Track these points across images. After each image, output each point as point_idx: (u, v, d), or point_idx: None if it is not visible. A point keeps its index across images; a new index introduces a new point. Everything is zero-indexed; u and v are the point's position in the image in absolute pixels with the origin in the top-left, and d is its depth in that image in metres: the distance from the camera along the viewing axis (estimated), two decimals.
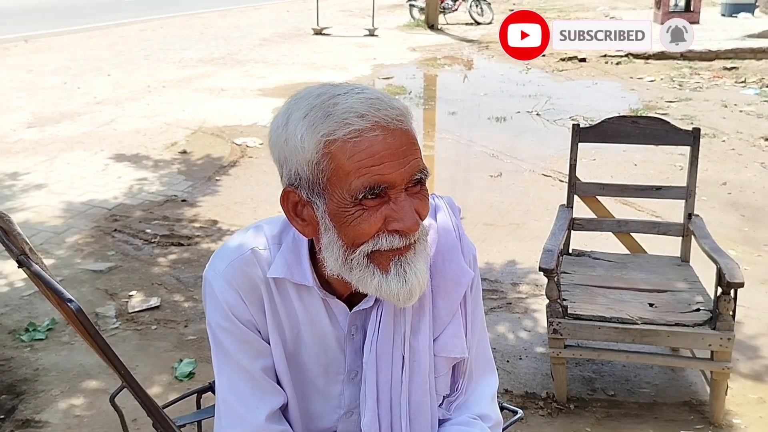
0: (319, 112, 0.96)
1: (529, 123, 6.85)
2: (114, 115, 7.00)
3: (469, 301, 1.20)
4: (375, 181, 0.95)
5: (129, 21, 15.33)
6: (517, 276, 3.63)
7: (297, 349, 1.15)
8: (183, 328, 3.14)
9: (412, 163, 0.97)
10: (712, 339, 2.34)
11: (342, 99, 0.96)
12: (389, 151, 0.95)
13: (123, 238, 4.06)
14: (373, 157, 0.94)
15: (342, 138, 0.94)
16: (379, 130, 0.95)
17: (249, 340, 1.12)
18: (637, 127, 2.88)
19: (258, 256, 1.12)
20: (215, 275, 1.12)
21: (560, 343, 2.48)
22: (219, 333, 1.12)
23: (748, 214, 4.42)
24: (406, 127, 0.98)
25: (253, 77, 9.14)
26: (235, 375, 1.13)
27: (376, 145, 0.94)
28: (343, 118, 0.94)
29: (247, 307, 1.11)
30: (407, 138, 0.98)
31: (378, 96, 0.98)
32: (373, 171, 0.95)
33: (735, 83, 8.46)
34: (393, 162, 0.95)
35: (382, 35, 13.38)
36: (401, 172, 0.96)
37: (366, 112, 0.95)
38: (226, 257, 1.13)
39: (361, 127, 0.94)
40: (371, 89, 1.00)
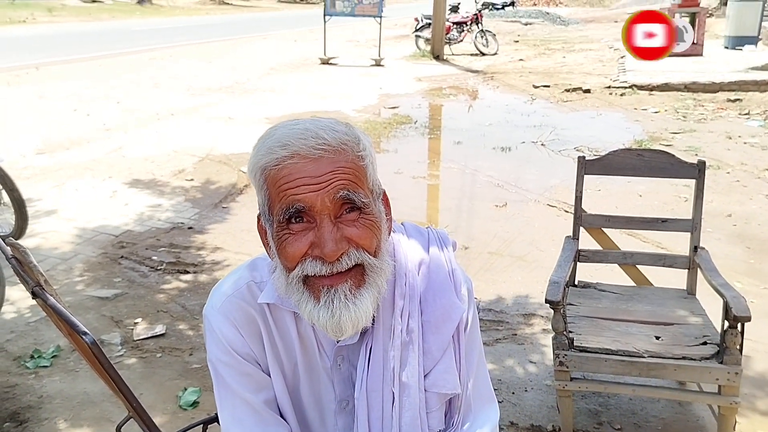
0: (261, 143, 1.05)
1: (534, 153, 6.89)
2: (123, 142, 7.07)
3: (462, 336, 1.19)
4: (290, 201, 1.00)
5: (139, 49, 15.56)
6: (522, 307, 3.62)
7: (296, 380, 1.16)
8: (188, 356, 3.14)
9: (335, 184, 1.00)
10: (720, 373, 2.33)
11: (278, 131, 1.03)
12: (306, 176, 0.99)
13: (130, 265, 4.08)
14: (290, 181, 1.00)
15: (269, 166, 1.01)
16: (298, 158, 1.00)
17: (249, 373, 1.13)
18: (642, 159, 2.89)
19: (253, 291, 1.14)
20: (213, 311, 1.14)
21: (566, 375, 2.47)
22: (220, 368, 1.14)
23: (754, 246, 4.42)
24: (330, 155, 1.01)
25: (260, 105, 9.24)
26: (238, 409, 1.13)
27: (294, 171, 1.00)
28: (270, 148, 1.02)
29: (245, 340, 1.13)
30: (331, 165, 1.00)
31: (308, 127, 1.02)
32: (288, 193, 1.00)
33: (739, 115, 8.50)
34: (309, 185, 0.99)
35: (389, 65, 13.53)
36: (318, 194, 0.99)
37: (288, 141, 1.01)
38: (222, 293, 1.15)
39: (281, 156, 1.00)
40: (317, 121, 1.05)
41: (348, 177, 1.01)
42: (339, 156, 1.01)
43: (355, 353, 1.14)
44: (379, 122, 8.26)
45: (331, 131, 1.02)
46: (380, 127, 7.96)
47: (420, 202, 5.48)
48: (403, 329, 1.13)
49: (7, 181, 4.14)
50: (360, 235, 1.02)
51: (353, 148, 1.03)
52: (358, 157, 1.03)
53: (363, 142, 1.06)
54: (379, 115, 8.81)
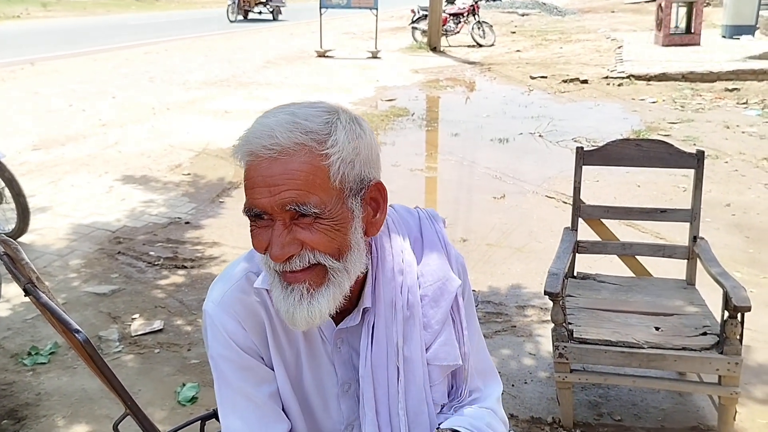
0: (243, 132, 1.04)
1: (532, 144, 6.87)
2: (119, 138, 7.04)
3: (461, 309, 1.22)
4: (249, 204, 1.02)
5: (134, 44, 15.49)
6: (521, 299, 3.61)
7: (299, 368, 1.16)
8: (186, 351, 3.13)
9: (283, 194, 0.98)
10: (720, 363, 2.32)
11: (253, 124, 1.03)
12: (260, 178, 0.99)
13: (126, 261, 4.06)
14: (249, 180, 1.01)
15: (242, 161, 1.02)
16: (254, 157, 1.00)
17: (251, 367, 1.13)
18: (641, 150, 2.88)
19: (252, 280, 1.13)
20: (213, 306, 1.13)
21: (566, 367, 2.46)
22: (221, 363, 1.12)
23: (753, 236, 4.41)
24: (283, 157, 0.98)
25: (257, 99, 9.20)
26: (240, 404, 1.13)
27: (253, 170, 1.00)
28: (240, 143, 1.02)
29: (247, 333, 1.12)
30: (282, 168, 0.98)
31: (268, 123, 1.00)
32: (248, 194, 1.02)
33: (737, 104, 8.48)
34: (263, 189, 0.99)
35: (385, 57, 13.48)
36: (269, 200, 0.99)
37: (249, 139, 1.01)
38: (221, 287, 1.14)
39: (243, 152, 1.01)
40: (287, 113, 1.02)
41: (297, 184, 0.98)
42: (292, 158, 0.98)
43: (355, 335, 1.15)
44: (376, 115, 8.23)
45: (289, 129, 0.98)
46: (377, 120, 7.93)
47: (418, 194, 5.46)
48: (404, 304, 1.14)
49: (13, 184, 4.12)
50: (314, 240, 1.01)
51: (313, 148, 0.98)
52: (320, 157, 0.98)
53: (335, 137, 1.00)
54: (376, 107, 8.77)
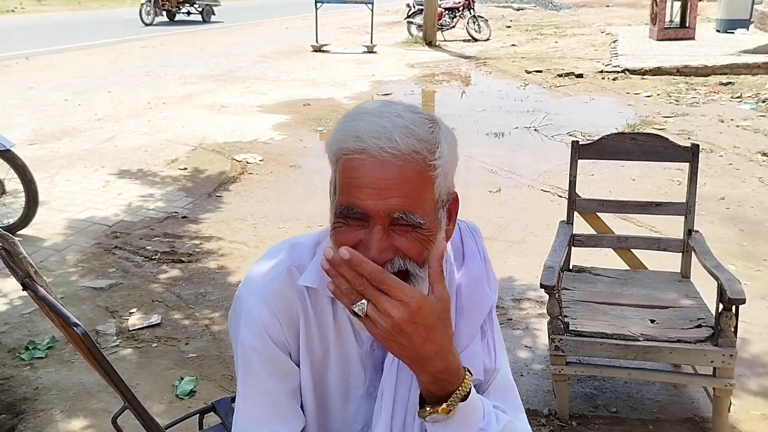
0: (342, 123, 1.01)
1: (528, 138, 6.88)
2: (115, 132, 7.03)
3: (491, 325, 1.22)
4: (351, 203, 0.98)
5: (130, 38, 15.43)
6: (517, 292, 3.63)
7: (324, 366, 1.15)
8: (184, 345, 3.14)
9: (393, 200, 0.96)
10: (715, 355, 2.34)
11: (360, 117, 0.99)
12: (370, 179, 0.96)
13: (124, 255, 4.06)
14: (355, 179, 0.97)
15: (341, 153, 0.99)
16: (366, 155, 0.96)
17: (279, 361, 1.11)
18: (636, 143, 2.89)
19: (293, 275, 1.11)
20: (252, 295, 1.10)
21: (562, 360, 2.48)
22: (250, 353, 1.10)
23: (747, 229, 4.43)
24: (398, 162, 0.96)
25: (253, 94, 9.19)
26: (259, 396, 1.11)
27: (361, 169, 0.96)
28: (346, 136, 0.98)
29: (282, 328, 1.10)
30: (397, 174, 0.96)
31: (384, 125, 0.97)
32: (352, 193, 0.97)
33: (731, 98, 8.51)
34: (371, 191, 0.96)
35: (381, 52, 13.47)
36: (376, 203, 0.96)
37: (362, 136, 0.97)
38: (262, 277, 1.11)
39: (353, 148, 0.97)
40: (400, 115, 0.99)
41: (408, 193, 0.97)
42: (407, 165, 0.96)
43: None
44: None
45: (406, 135, 0.96)
46: None
47: None
48: None
49: (26, 171, 4.16)
50: (409, 248, 1.00)
51: (426, 157, 0.98)
52: (428, 167, 0.98)
53: (441, 149, 1.00)
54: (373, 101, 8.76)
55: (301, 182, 5.52)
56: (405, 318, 0.92)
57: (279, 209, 4.88)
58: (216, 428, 1.76)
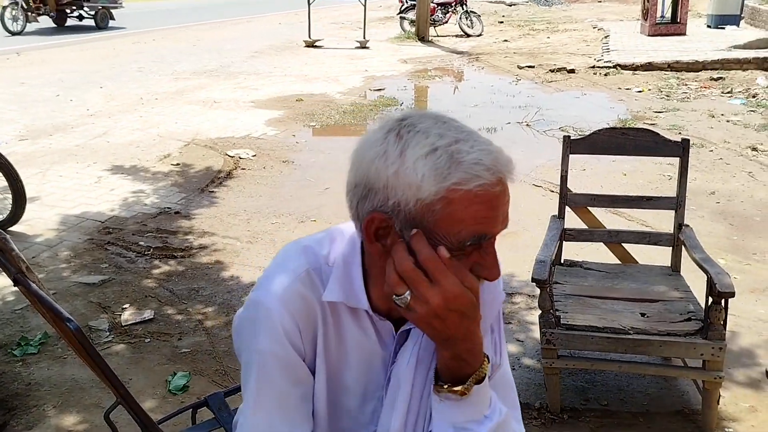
0: (445, 156, 0.94)
1: (520, 134, 6.90)
2: (107, 128, 7.00)
3: (501, 322, 1.24)
4: (484, 231, 0.97)
5: (122, 33, 15.35)
6: (509, 286, 3.65)
7: (340, 368, 1.15)
8: (177, 341, 3.14)
9: (508, 215, 1.00)
10: (704, 348, 2.36)
11: (467, 146, 0.95)
12: (501, 206, 0.97)
13: (116, 251, 4.06)
14: (490, 209, 0.96)
15: (468, 189, 0.94)
16: (500, 185, 0.96)
17: (294, 366, 1.10)
18: (627, 138, 2.91)
19: (312, 278, 1.10)
20: (273, 300, 1.08)
21: (553, 353, 2.50)
22: (267, 358, 1.08)
23: (737, 223, 4.47)
24: (512, 179, 0.99)
25: (245, 89, 9.17)
26: (276, 404, 1.10)
27: (495, 199, 0.96)
28: (474, 170, 0.94)
29: (300, 334, 1.09)
30: (509, 192, 0.99)
31: (496, 147, 0.98)
32: (485, 222, 0.96)
33: (722, 93, 8.55)
34: (501, 216, 0.98)
35: (374, 47, 13.45)
36: (503, 225, 0.99)
37: (492, 165, 0.95)
38: (282, 280, 1.09)
39: (488, 181, 0.94)
40: (486, 139, 0.99)
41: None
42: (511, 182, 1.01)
43: (409, 338, 1.14)
44: (365, 105, 8.23)
45: (504, 151, 1.00)
46: (366, 110, 7.93)
47: None
48: None
49: (10, 170, 4.14)
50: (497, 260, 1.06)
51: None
52: None
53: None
54: (364, 97, 8.77)
55: (294, 177, 5.52)
56: (441, 305, 0.97)
57: (272, 204, 4.88)
58: (209, 423, 1.77)
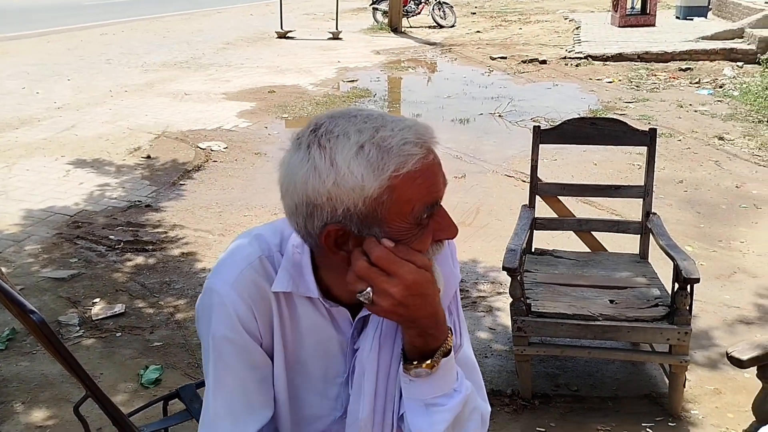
0: (373, 148, 0.96)
1: (492, 124, 6.94)
2: (75, 121, 6.88)
3: (458, 302, 1.25)
4: (434, 198, 1.00)
5: (89, 25, 15.06)
6: (481, 275, 3.68)
7: (298, 354, 1.15)
8: (148, 334, 3.11)
9: (444, 172, 1.02)
10: (670, 333, 2.41)
11: (388, 132, 0.97)
12: (439, 170, 1.00)
13: (86, 245, 4.00)
14: (431, 177, 0.99)
15: (405, 169, 0.96)
16: (431, 153, 0.99)
17: (251, 351, 1.11)
18: (596, 128, 2.95)
19: (265, 265, 1.11)
20: (225, 286, 1.09)
21: (524, 340, 2.53)
22: (223, 344, 1.09)
23: (704, 211, 4.55)
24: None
25: (217, 81, 9.07)
26: (230, 386, 1.11)
27: (431, 168, 0.98)
28: (404, 151, 0.96)
29: (255, 319, 1.10)
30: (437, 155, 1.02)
31: (413, 122, 1.00)
32: (431, 192, 0.99)
33: (690, 84, 8.68)
34: (441, 178, 1.01)
35: (346, 38, 13.39)
36: (444, 184, 1.02)
37: (417, 139, 0.97)
38: (234, 266, 1.10)
39: (421, 155, 0.97)
40: (396, 116, 1.03)
41: None
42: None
43: (368, 322, 1.15)
44: (338, 96, 8.21)
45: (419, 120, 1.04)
46: (339, 101, 7.91)
47: None
48: None
49: None
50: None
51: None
52: None
53: None
54: (338, 89, 8.74)
55: (266, 170, 5.48)
56: (404, 293, 0.98)
57: (244, 197, 4.85)
58: (180, 414, 1.76)
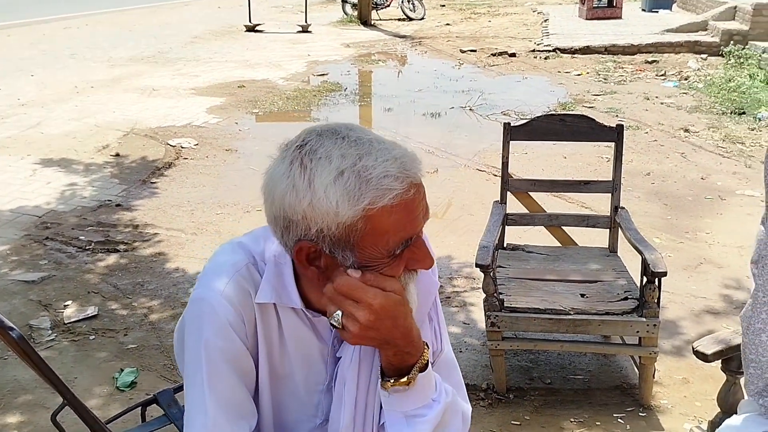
0: (352, 177, 0.95)
1: (463, 118, 6.99)
2: (40, 118, 6.75)
3: (437, 309, 1.27)
4: (410, 234, 1.01)
5: (52, 17, 14.73)
6: (454, 270, 3.72)
7: (281, 361, 1.16)
8: (123, 336, 3.09)
9: (427, 206, 1.03)
10: (640, 326, 2.48)
11: (371, 161, 0.96)
12: (420, 206, 1.01)
13: (56, 246, 3.95)
14: (410, 213, 0.99)
15: (383, 204, 0.96)
16: (413, 188, 0.98)
17: (240, 359, 1.11)
18: (564, 125, 3.00)
19: (252, 272, 1.11)
20: (215, 295, 1.09)
21: (498, 335, 2.58)
22: (213, 352, 1.09)
23: (671, 203, 4.65)
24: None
25: (185, 76, 8.96)
26: (228, 396, 1.11)
27: (411, 204, 0.99)
28: (383, 184, 0.95)
29: (245, 326, 1.10)
30: (424, 188, 1.02)
31: (401, 153, 1.00)
32: (407, 227, 0.99)
33: (656, 76, 8.84)
34: (422, 214, 1.01)
35: (316, 32, 13.32)
36: (424, 218, 1.03)
37: (400, 173, 0.97)
38: (223, 274, 1.10)
39: (400, 190, 0.96)
40: (387, 141, 1.01)
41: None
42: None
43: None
44: (308, 90, 8.18)
45: (410, 150, 1.03)
46: (309, 95, 7.88)
47: None
48: None
49: None
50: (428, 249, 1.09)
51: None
52: None
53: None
54: (308, 83, 8.70)
55: (238, 166, 5.46)
56: (371, 319, 1.00)
57: (216, 194, 4.82)
58: (158, 420, 1.76)
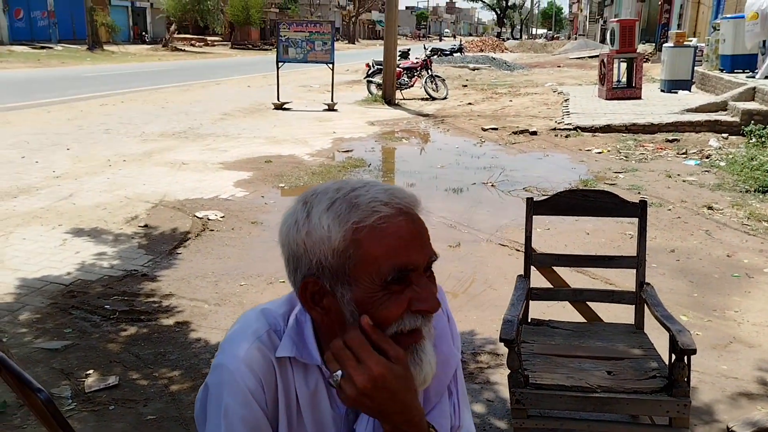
0: (344, 204, 1.02)
1: (485, 194, 7.05)
2: (73, 190, 6.95)
3: (457, 382, 1.25)
4: (403, 263, 1.01)
5: (89, 95, 15.38)
6: (477, 346, 3.67)
7: (298, 424, 1.16)
8: (142, 407, 3.07)
9: (429, 246, 1.05)
10: (670, 405, 2.41)
11: (363, 191, 1.03)
12: (412, 235, 1.03)
13: (81, 315, 3.98)
14: (400, 239, 1.01)
15: (371, 224, 1.00)
16: (402, 216, 1.02)
17: (260, 427, 1.11)
18: (587, 200, 3.01)
19: (273, 339, 1.12)
20: (236, 361, 1.09)
21: (523, 413, 2.51)
22: (236, 422, 1.09)
23: (697, 280, 4.59)
24: (420, 214, 1.06)
25: (214, 151, 9.22)
26: None
27: (402, 229, 1.01)
28: (371, 207, 1.01)
29: (264, 393, 1.10)
30: (422, 223, 1.06)
31: (394, 187, 1.06)
32: (401, 254, 1.01)
33: (677, 154, 8.89)
34: (416, 245, 1.03)
35: (341, 110, 13.70)
36: (422, 254, 1.04)
37: (389, 200, 1.02)
38: (244, 341, 1.11)
39: (388, 213, 1.01)
40: (383, 184, 1.08)
41: (428, 237, 1.07)
42: (417, 214, 1.07)
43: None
44: (333, 166, 8.34)
45: (409, 190, 1.08)
46: (334, 171, 8.03)
47: None
48: None
49: None
50: (436, 289, 1.08)
51: (420, 209, 1.09)
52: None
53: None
54: (333, 159, 8.89)
55: (263, 238, 5.52)
56: (368, 386, 0.99)
57: (240, 266, 4.87)
58: None
